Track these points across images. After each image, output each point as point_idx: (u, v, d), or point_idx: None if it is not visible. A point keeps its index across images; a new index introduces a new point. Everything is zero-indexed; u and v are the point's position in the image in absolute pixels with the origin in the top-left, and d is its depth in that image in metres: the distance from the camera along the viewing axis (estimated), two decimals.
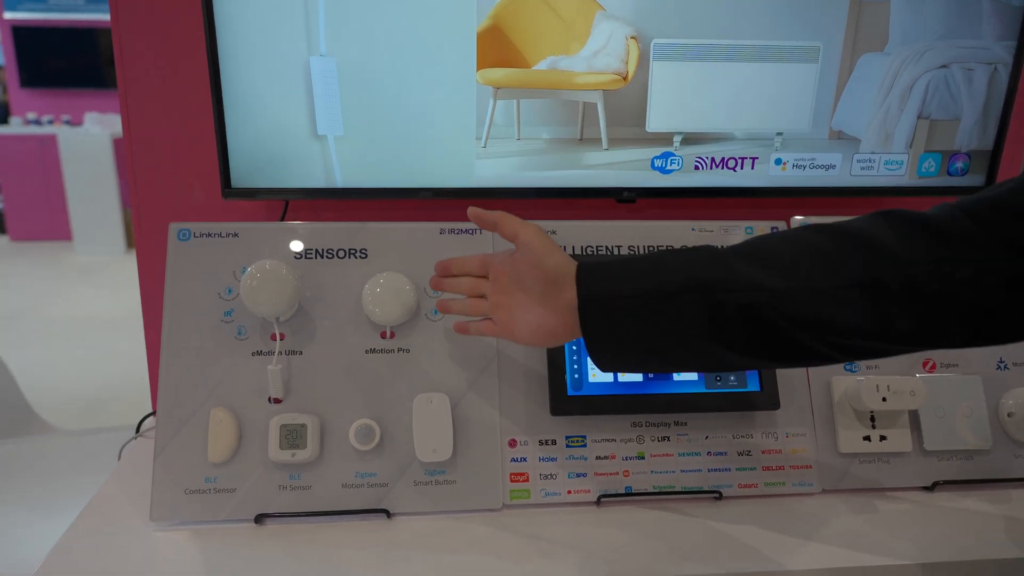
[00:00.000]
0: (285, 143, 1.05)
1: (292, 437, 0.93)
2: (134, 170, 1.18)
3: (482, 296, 0.87)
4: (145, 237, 1.20)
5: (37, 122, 6.52)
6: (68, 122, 6.64)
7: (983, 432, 1.05)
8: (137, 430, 1.17)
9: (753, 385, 1.01)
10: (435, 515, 0.96)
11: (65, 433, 1.80)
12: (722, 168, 1.14)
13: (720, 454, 1.02)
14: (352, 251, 1.02)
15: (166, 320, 0.97)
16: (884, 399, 1.01)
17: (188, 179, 1.19)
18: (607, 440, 1.01)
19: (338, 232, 1.03)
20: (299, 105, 1.04)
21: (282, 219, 1.18)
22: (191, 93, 1.15)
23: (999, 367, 1.08)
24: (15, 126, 6.41)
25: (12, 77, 6.86)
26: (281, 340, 0.98)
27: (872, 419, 1.04)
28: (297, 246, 1.01)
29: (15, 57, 6.72)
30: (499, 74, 1.07)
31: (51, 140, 6.09)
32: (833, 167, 1.16)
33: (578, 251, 1.07)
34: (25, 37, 6.69)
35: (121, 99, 1.15)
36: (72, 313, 4.67)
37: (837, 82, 1.11)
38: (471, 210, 0.85)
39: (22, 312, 4.64)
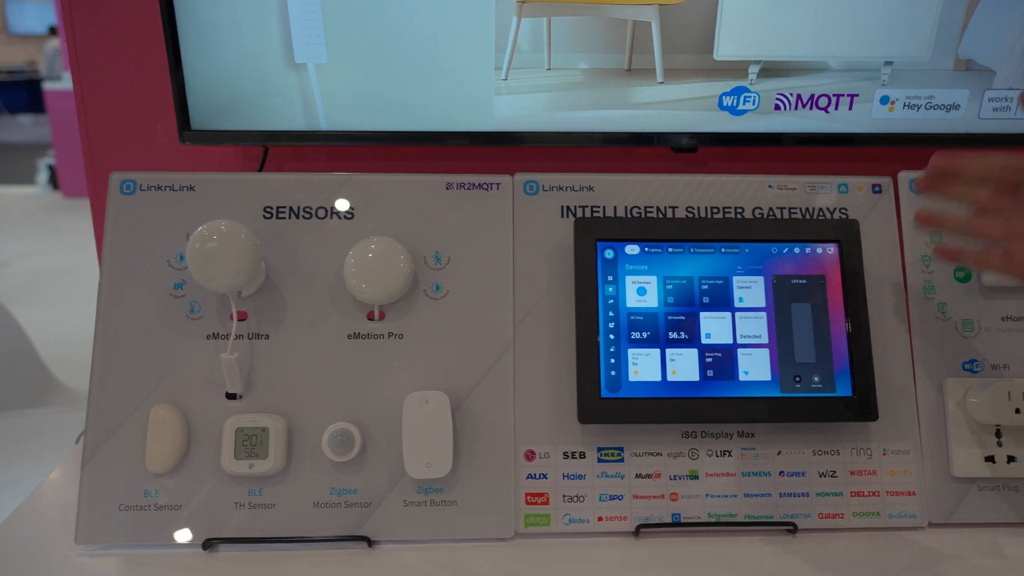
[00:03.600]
0: (255, 75, 0.89)
1: (251, 443, 0.78)
2: (85, 112, 1.03)
3: (998, 214, 0.70)
4: (100, 193, 1.04)
5: None
6: None
7: None
8: None
9: (843, 389, 0.82)
10: (429, 544, 0.82)
11: None
12: (811, 108, 0.94)
13: (797, 475, 0.84)
14: (335, 210, 0.85)
15: (101, 294, 0.83)
16: (1018, 410, 0.81)
17: (151, 123, 1.03)
18: (651, 454, 0.84)
19: (317, 185, 0.86)
20: (270, 25, 0.87)
21: (260, 169, 1.01)
22: (148, 14, 0.99)
23: None
24: (67, 81, 6.39)
25: None
26: (241, 321, 0.82)
27: (999, 435, 0.84)
28: (266, 203, 0.85)
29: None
30: None
31: None
32: (957, 107, 0.94)
33: (621, 213, 0.89)
34: None
35: (67, 26, 0.99)
36: None
37: None
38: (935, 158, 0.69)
39: (75, 269, 4.60)
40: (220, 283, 0.78)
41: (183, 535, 0.79)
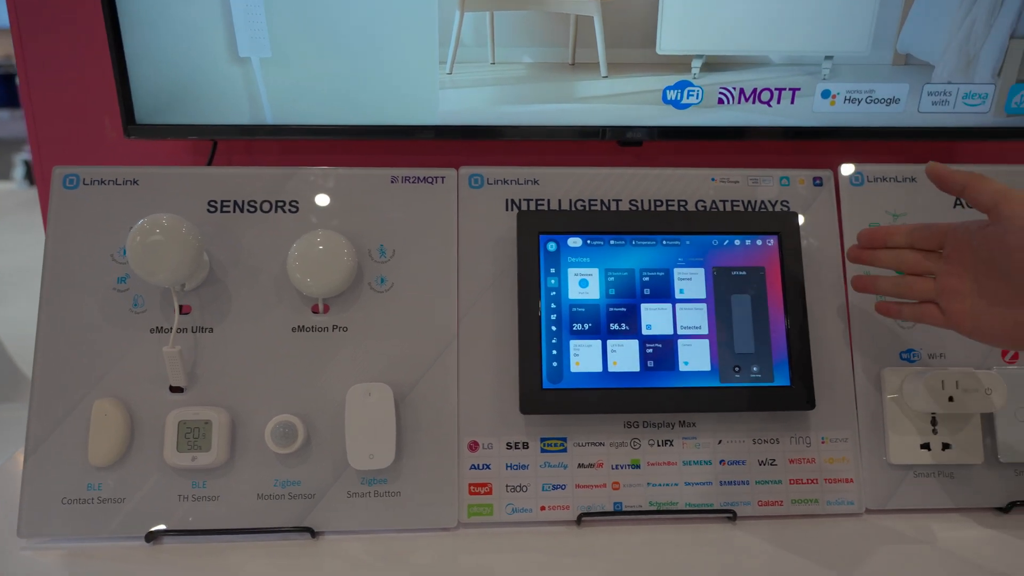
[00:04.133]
0: (199, 69, 0.89)
1: (193, 436, 0.79)
2: (32, 107, 1.02)
3: (925, 275, 0.76)
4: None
5: None
6: None
7: None
8: None
9: (782, 379, 0.84)
10: (372, 535, 0.82)
11: None
12: (753, 102, 0.95)
13: (737, 463, 0.85)
14: (280, 203, 0.87)
15: (44, 288, 0.83)
16: (951, 399, 0.82)
17: (100, 118, 1.03)
18: (593, 444, 0.85)
19: (262, 179, 0.87)
20: (213, 19, 0.87)
21: (209, 163, 1.02)
22: (93, 7, 0.98)
23: None
24: None
25: None
26: (185, 314, 0.82)
27: (934, 423, 0.86)
28: (211, 196, 0.85)
29: None
30: None
31: None
32: (897, 101, 0.96)
33: (565, 206, 0.89)
34: None
35: (12, 21, 0.99)
36: None
37: None
38: (932, 165, 0.73)
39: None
40: (161, 277, 0.78)
41: (127, 527, 0.80)
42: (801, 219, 0.90)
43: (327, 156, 1.05)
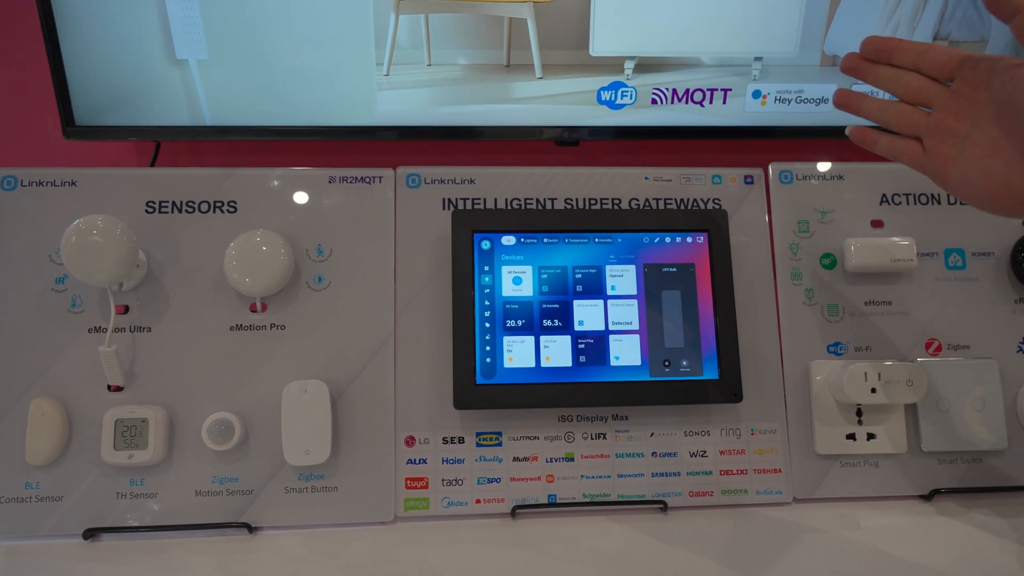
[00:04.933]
0: (137, 70, 0.90)
1: (130, 434, 0.80)
2: None
3: (921, 107, 0.66)
4: None
5: None
6: None
7: (997, 429, 0.90)
8: None
9: (710, 372, 0.86)
10: (309, 529, 0.84)
11: None
12: (686, 102, 0.97)
13: (669, 455, 0.88)
14: (218, 203, 0.88)
15: None
16: (874, 390, 0.85)
17: (43, 119, 1.03)
18: (528, 438, 0.87)
19: (201, 180, 0.88)
20: (150, 21, 0.88)
21: (152, 164, 1.02)
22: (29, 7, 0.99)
23: (1020, 349, 0.92)
24: None
25: None
26: (123, 314, 0.83)
27: (859, 414, 0.89)
28: (149, 197, 0.86)
29: None
30: None
31: None
32: (826, 101, 0.99)
33: (501, 205, 0.91)
34: None
35: None
36: None
37: None
38: None
39: None
40: (96, 278, 0.79)
41: (64, 525, 0.81)
42: (731, 216, 0.93)
43: (271, 156, 1.07)
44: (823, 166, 0.96)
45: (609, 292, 0.88)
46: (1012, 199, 0.60)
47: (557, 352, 0.86)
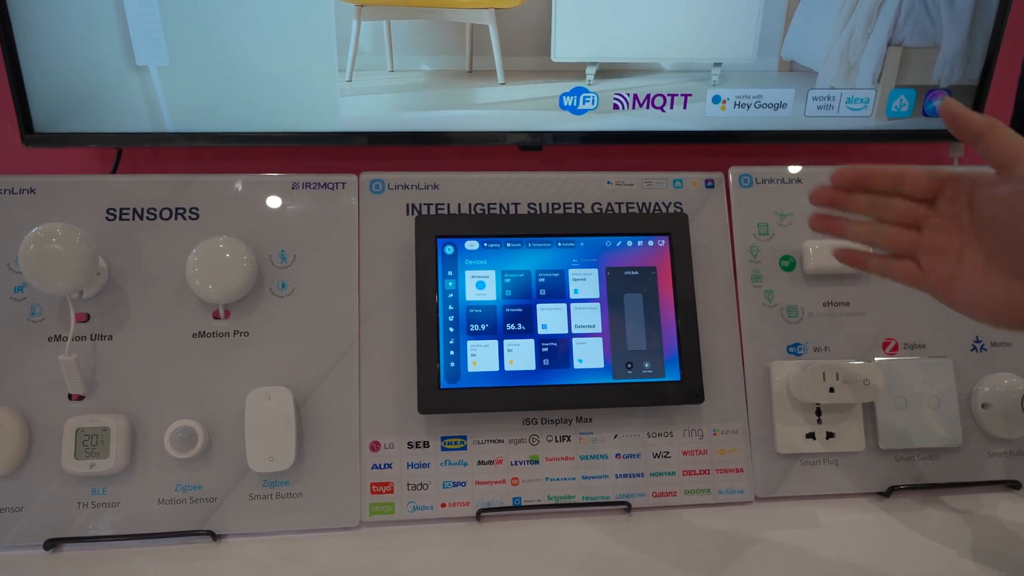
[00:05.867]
0: (97, 77, 0.90)
1: (91, 443, 0.79)
2: None
3: (910, 227, 0.65)
4: None
5: None
6: None
7: (952, 427, 0.92)
8: None
9: (672, 374, 0.87)
10: (274, 536, 0.83)
11: None
12: (647, 107, 0.98)
13: (632, 457, 0.88)
14: (180, 210, 0.87)
15: None
16: (832, 389, 0.86)
17: (2, 125, 1.02)
18: (493, 442, 0.87)
19: (162, 187, 0.88)
20: (109, 28, 0.88)
21: (114, 171, 1.02)
22: None
23: (975, 348, 0.94)
24: None
25: None
26: (84, 322, 0.83)
27: (818, 413, 0.90)
28: (109, 204, 0.86)
29: None
30: None
31: None
32: (784, 106, 1.00)
33: (465, 210, 0.92)
34: None
35: None
36: None
37: None
38: (946, 101, 0.60)
39: None
40: (55, 286, 0.79)
41: (25, 536, 0.80)
42: (692, 220, 0.94)
43: (235, 163, 1.06)
44: (782, 170, 0.97)
45: (572, 296, 0.89)
46: (1016, 316, 0.58)
47: (521, 356, 0.87)
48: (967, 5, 0.98)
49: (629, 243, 0.91)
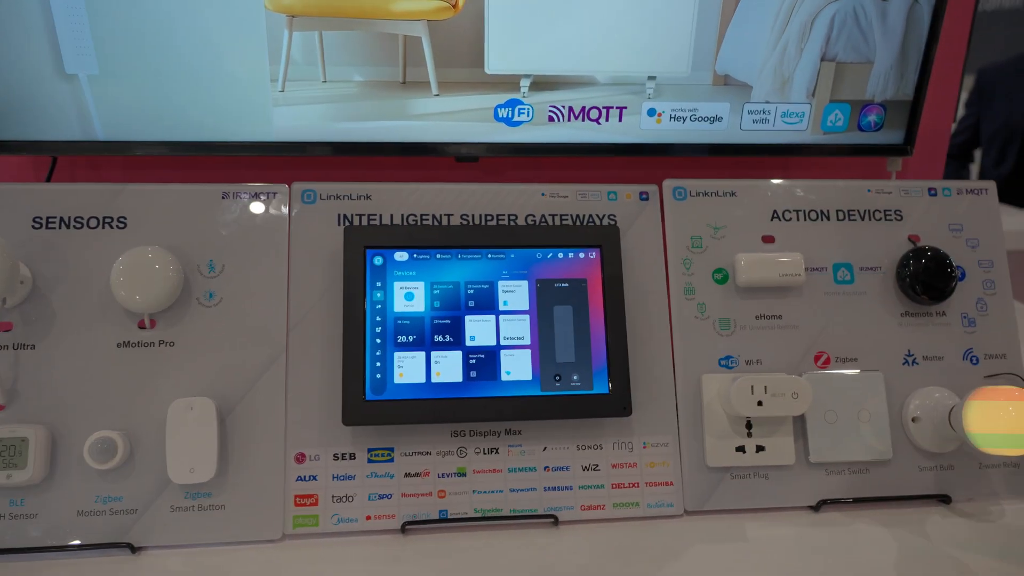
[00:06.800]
0: (26, 85, 0.89)
1: (9, 454, 0.78)
2: None
3: None
4: None
5: None
6: None
7: (883, 441, 0.92)
8: None
9: (601, 386, 0.86)
10: (195, 548, 0.82)
11: None
12: (582, 120, 0.98)
13: (561, 469, 0.88)
14: (108, 219, 0.86)
15: None
16: (760, 403, 0.86)
17: None
18: (420, 454, 0.86)
19: (90, 196, 0.87)
20: (37, 36, 0.87)
21: (48, 179, 1.01)
22: None
23: (906, 362, 0.94)
24: None
25: None
26: (6, 331, 0.82)
27: (749, 426, 0.90)
28: (36, 213, 0.85)
29: None
30: None
31: None
32: (719, 119, 1.00)
33: (398, 221, 0.91)
34: None
35: None
36: None
37: (721, 12, 0.95)
38: None
39: None
40: None
41: None
42: (626, 232, 0.94)
43: (171, 172, 1.06)
44: (716, 182, 0.97)
45: (501, 307, 0.89)
46: None
47: (448, 367, 0.86)
48: (899, 21, 0.99)
49: (560, 255, 0.91)
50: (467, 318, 0.88)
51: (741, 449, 0.91)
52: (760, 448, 0.91)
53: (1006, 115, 2.65)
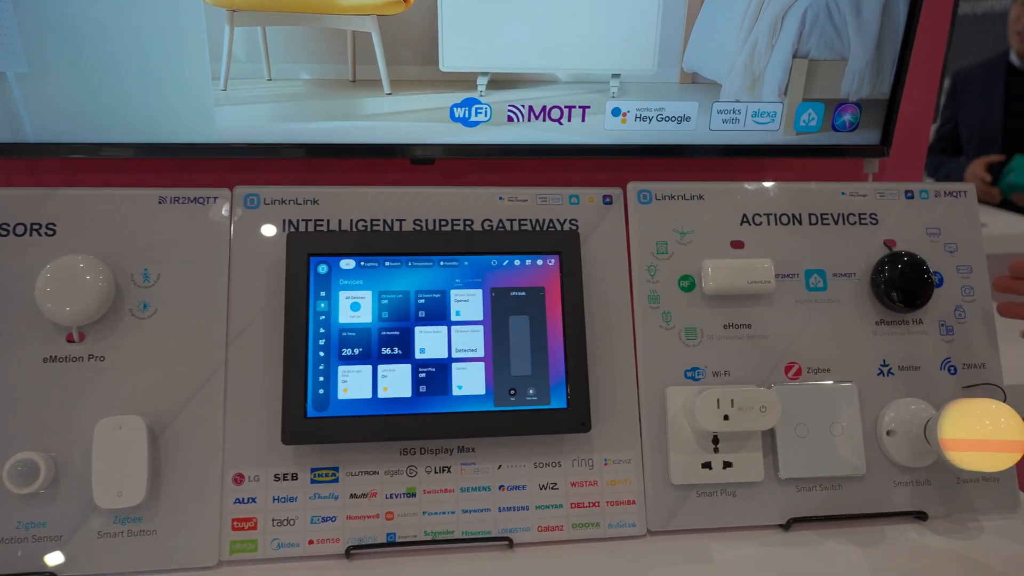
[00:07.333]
0: None
1: None
2: None
3: None
4: None
5: None
6: None
7: (856, 455, 0.87)
8: None
9: (558, 401, 0.82)
10: None
11: None
12: (543, 120, 0.93)
13: (517, 488, 0.83)
14: (35, 226, 0.81)
15: None
16: (727, 417, 0.81)
17: None
18: (367, 473, 0.81)
19: (16, 201, 0.82)
20: None
21: None
22: None
23: (881, 372, 0.90)
24: None
25: None
26: None
27: (716, 441, 0.85)
28: None
29: None
30: None
31: None
32: (687, 119, 0.95)
33: (346, 226, 0.86)
34: None
35: None
36: None
37: (688, 6, 0.90)
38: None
39: None
40: None
41: None
42: (589, 237, 0.89)
43: (112, 176, 1.00)
44: (683, 185, 0.92)
45: (453, 318, 0.84)
46: None
47: (396, 382, 0.81)
48: (874, 17, 0.94)
49: (516, 262, 0.86)
50: (417, 329, 0.83)
51: (707, 465, 0.86)
52: (727, 464, 0.86)
53: (982, 117, 2.61)
